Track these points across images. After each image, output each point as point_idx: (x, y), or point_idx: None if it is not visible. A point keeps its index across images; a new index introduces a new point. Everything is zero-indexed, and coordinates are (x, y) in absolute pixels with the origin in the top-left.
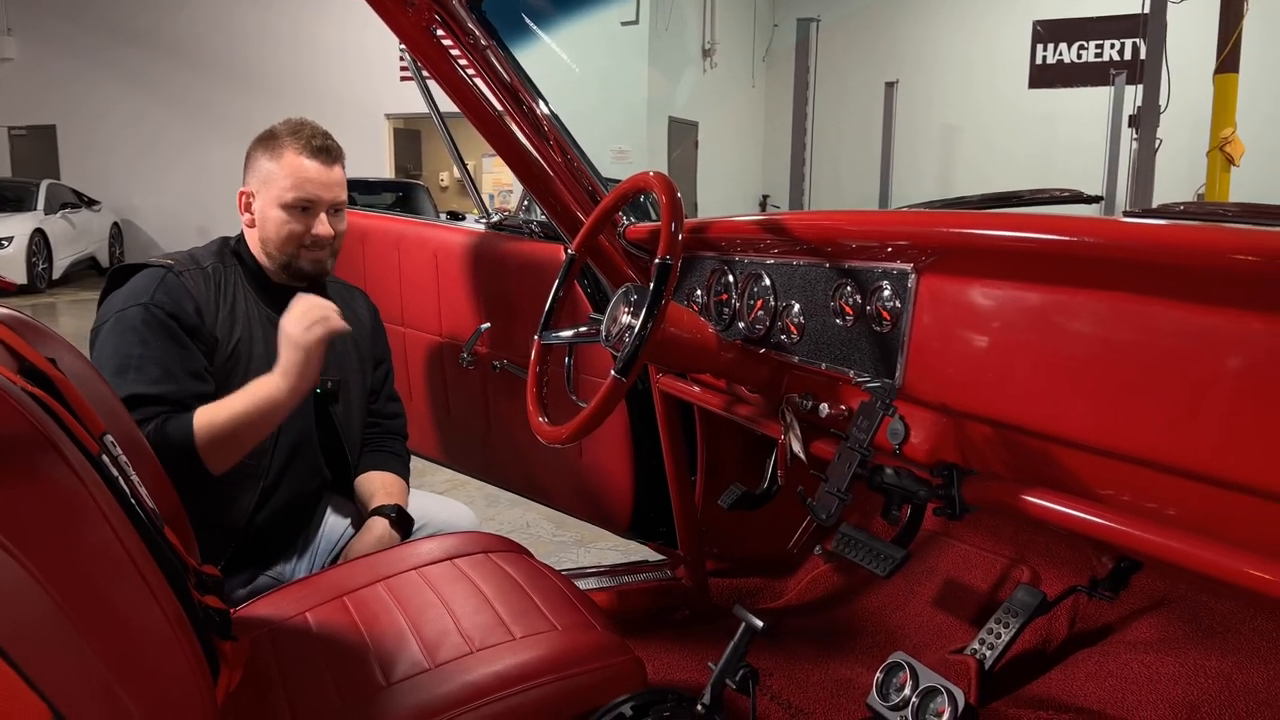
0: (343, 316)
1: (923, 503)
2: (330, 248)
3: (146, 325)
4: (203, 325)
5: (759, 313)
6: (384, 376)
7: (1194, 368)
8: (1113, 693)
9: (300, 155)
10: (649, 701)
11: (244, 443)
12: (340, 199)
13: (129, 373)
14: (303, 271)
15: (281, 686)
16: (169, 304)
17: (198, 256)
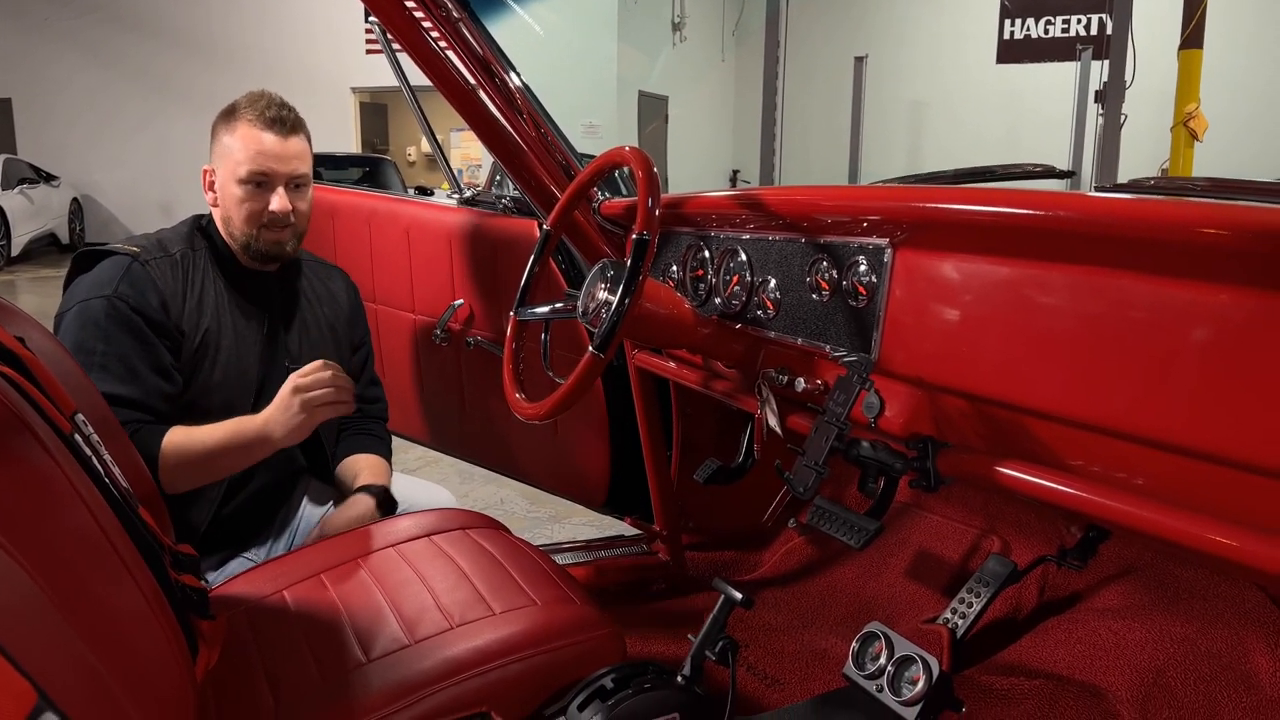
0: (320, 297)
1: (898, 475)
2: (292, 227)
3: (110, 319)
4: (168, 320)
5: (735, 288)
6: (363, 361)
7: (1163, 340)
8: (1081, 658)
9: (254, 126)
10: (629, 674)
11: (209, 474)
12: (299, 172)
13: (92, 370)
14: (262, 253)
15: (260, 664)
16: (133, 297)
17: (165, 242)
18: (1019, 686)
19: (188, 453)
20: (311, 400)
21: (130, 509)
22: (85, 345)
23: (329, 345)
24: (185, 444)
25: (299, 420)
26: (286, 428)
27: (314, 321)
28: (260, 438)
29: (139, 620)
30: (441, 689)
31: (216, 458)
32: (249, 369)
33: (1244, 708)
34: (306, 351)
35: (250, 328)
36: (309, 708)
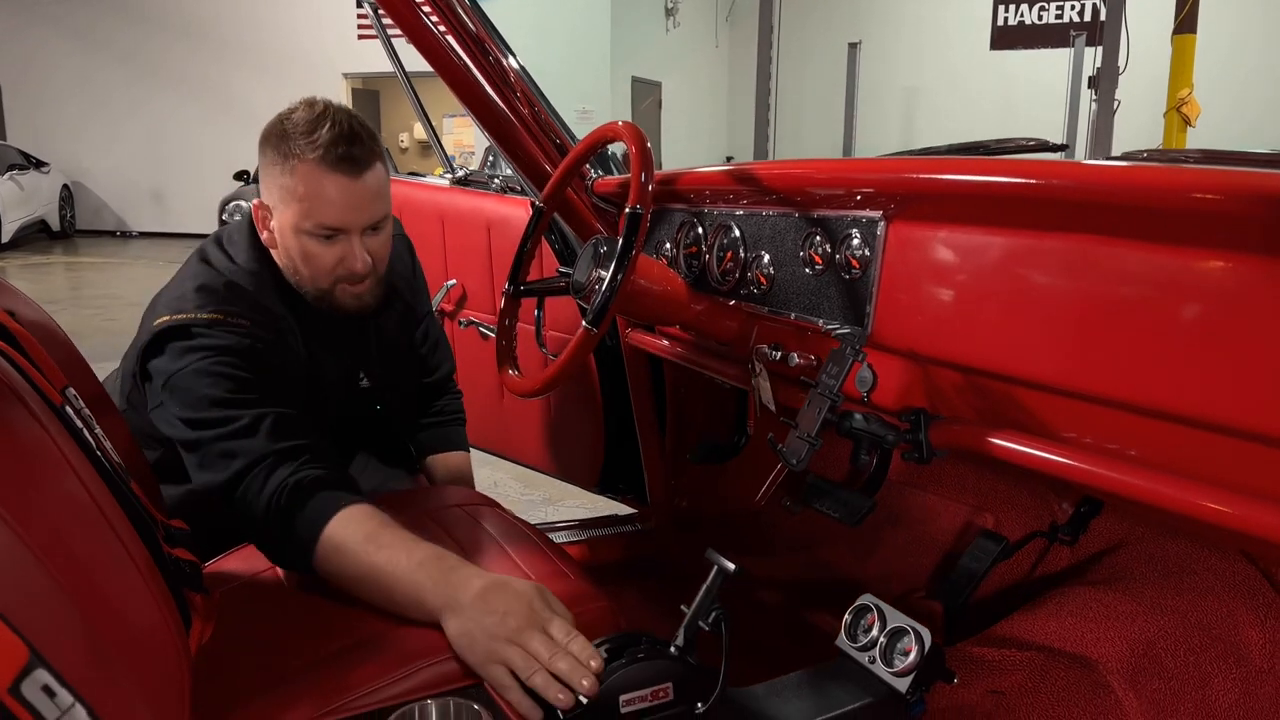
0: (391, 268)
1: (891, 447)
2: (373, 275)
3: (240, 369)
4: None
5: (728, 264)
6: (425, 331)
7: (1158, 307)
8: (1072, 630)
9: (318, 168)
10: (623, 644)
11: (354, 589)
12: (378, 215)
13: (235, 436)
14: (340, 308)
15: (253, 639)
16: (251, 349)
17: (242, 292)
18: (1010, 658)
19: (342, 556)
20: (527, 637)
21: (122, 482)
22: (222, 399)
23: (405, 344)
24: (343, 542)
25: (481, 624)
26: (454, 613)
27: (391, 326)
28: (425, 600)
29: (132, 590)
30: (434, 662)
31: (367, 586)
32: (326, 402)
33: (1233, 678)
34: (385, 367)
35: (333, 369)
36: (301, 681)
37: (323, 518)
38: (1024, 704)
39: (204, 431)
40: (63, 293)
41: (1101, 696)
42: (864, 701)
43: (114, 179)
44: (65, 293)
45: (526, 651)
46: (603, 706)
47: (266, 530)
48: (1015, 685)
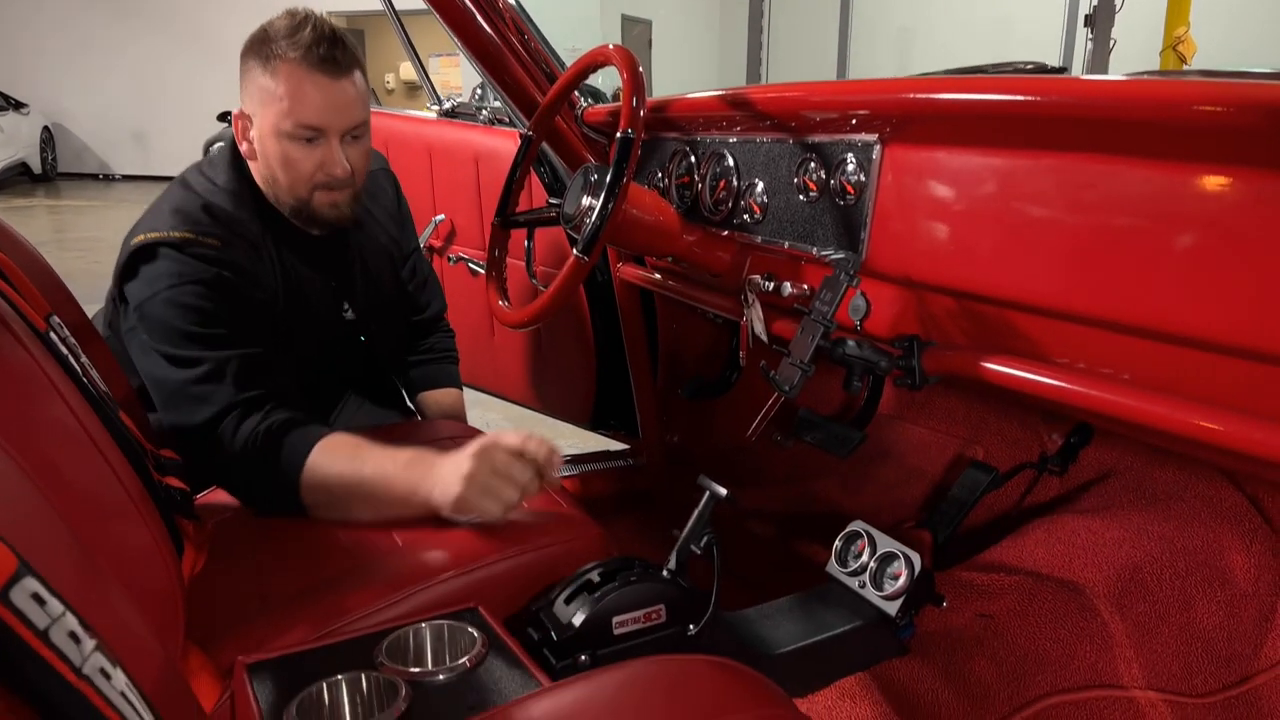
0: (372, 212)
1: (884, 374)
2: (351, 187)
3: (211, 300)
4: (257, 295)
5: (721, 193)
6: (414, 266)
7: (1156, 226)
8: (1060, 557)
9: (299, 67)
10: (615, 568)
11: (346, 513)
12: (357, 121)
13: (203, 363)
14: (317, 218)
15: (247, 567)
16: (223, 276)
17: (218, 213)
18: (999, 582)
19: (329, 482)
20: (486, 485)
21: (110, 410)
22: (186, 330)
23: (390, 277)
24: (328, 470)
25: (454, 490)
26: (444, 495)
27: (373, 255)
28: (415, 494)
29: (123, 514)
30: (428, 586)
31: (360, 496)
32: (312, 333)
33: (1217, 601)
34: (368, 297)
35: (314, 294)
36: (296, 606)
37: (302, 453)
38: (1012, 627)
39: (172, 371)
40: (46, 235)
41: (1088, 619)
42: (854, 624)
43: (96, 121)
44: (49, 235)
45: (505, 478)
46: (596, 628)
47: (247, 479)
48: (1004, 609)
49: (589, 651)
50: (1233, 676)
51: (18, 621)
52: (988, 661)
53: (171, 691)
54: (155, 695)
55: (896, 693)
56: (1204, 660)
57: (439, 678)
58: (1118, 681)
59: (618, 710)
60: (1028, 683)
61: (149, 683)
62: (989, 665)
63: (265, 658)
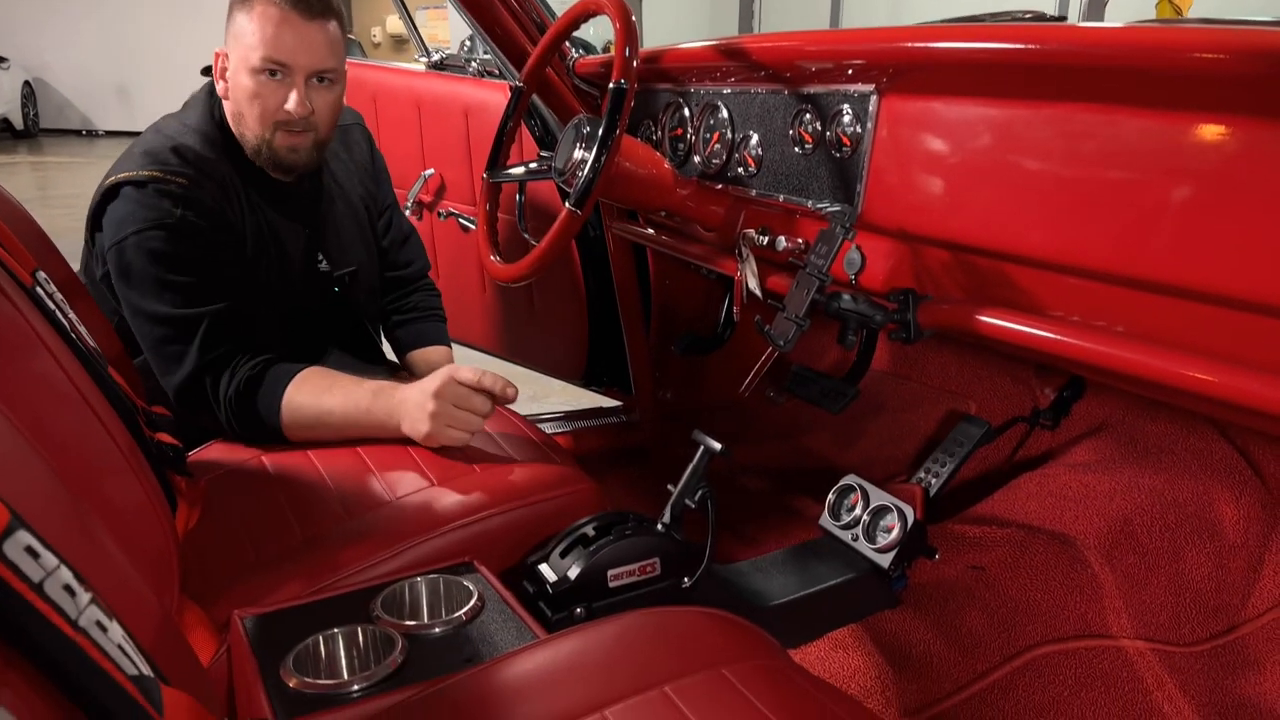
0: (345, 167)
1: (879, 328)
2: (313, 133)
3: (180, 244)
4: (228, 238)
5: (715, 146)
6: (390, 220)
7: (1152, 175)
8: (1051, 510)
9: (276, 7)
10: (611, 522)
11: (329, 434)
12: (326, 66)
13: (175, 306)
14: (276, 160)
15: (243, 523)
16: (192, 219)
17: (187, 153)
18: (990, 535)
19: (307, 413)
20: (451, 413)
21: (99, 365)
22: (158, 277)
23: (365, 231)
24: (309, 404)
25: (422, 425)
26: (411, 420)
27: (345, 209)
28: (389, 419)
29: (114, 469)
30: (423, 540)
31: (339, 428)
32: (288, 285)
33: (1206, 553)
34: (342, 248)
35: (288, 242)
36: (291, 561)
37: (279, 392)
38: (1003, 578)
39: (145, 326)
40: (30, 192)
41: (1078, 571)
42: (847, 576)
43: (77, 75)
44: (32, 192)
45: (448, 422)
46: (591, 581)
47: (231, 425)
48: (995, 561)
49: (584, 604)
50: (1220, 626)
51: (12, 575)
52: (979, 612)
53: (169, 644)
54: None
55: (888, 643)
56: (1192, 610)
57: (435, 631)
58: (1107, 631)
59: (613, 660)
60: (1018, 633)
61: (146, 635)
62: (980, 616)
63: (261, 611)
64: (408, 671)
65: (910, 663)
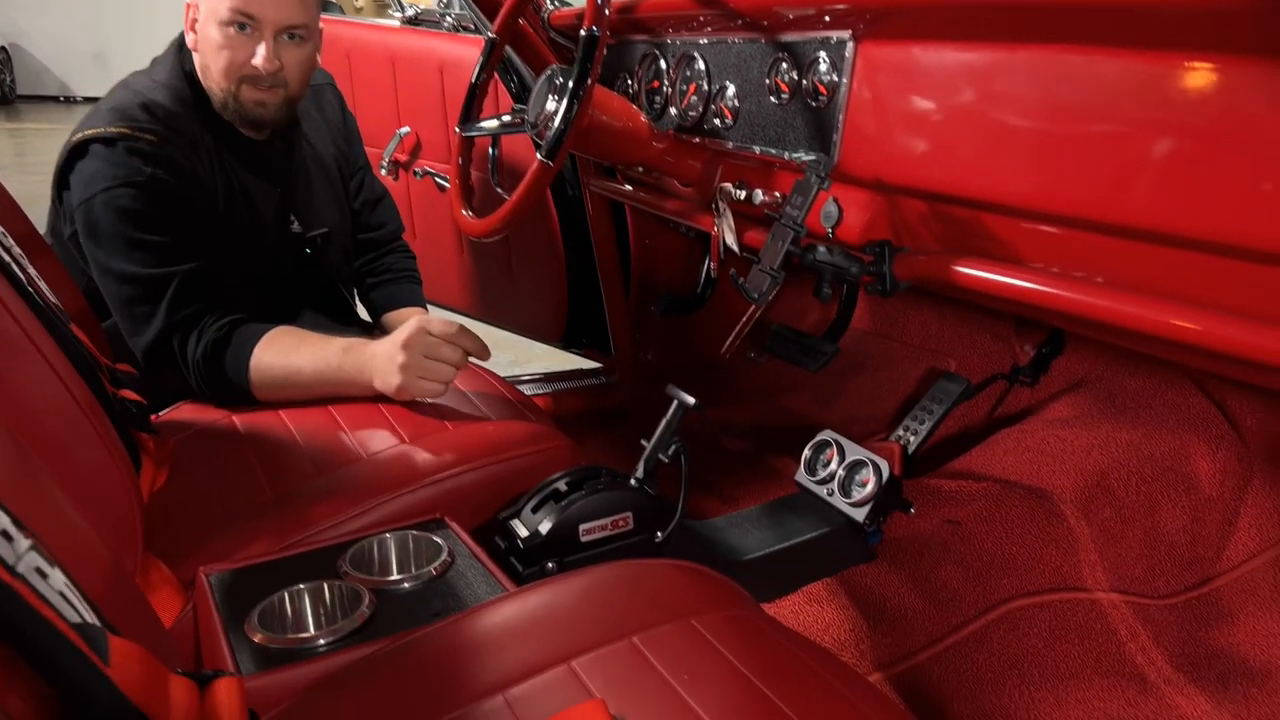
0: (316, 128)
1: (855, 280)
2: (283, 89)
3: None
4: (198, 195)
5: (692, 98)
6: (362, 181)
7: (1133, 117)
8: (1029, 465)
9: None
10: (583, 476)
11: (300, 393)
12: (294, 22)
13: (145, 265)
14: (243, 114)
15: (211, 482)
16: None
17: (157, 109)
18: (967, 489)
19: (276, 373)
20: (422, 364)
21: (59, 321)
22: (127, 236)
23: (336, 190)
24: (277, 364)
25: (394, 379)
26: (383, 375)
27: (317, 169)
28: (360, 375)
29: (72, 425)
30: (394, 497)
31: (309, 386)
32: (260, 246)
33: (1182, 506)
34: (314, 209)
35: (259, 201)
36: (260, 519)
37: (246, 352)
38: (979, 532)
39: (113, 285)
40: (7, 159)
41: (1054, 525)
42: (821, 531)
43: (54, 41)
44: (10, 159)
45: (419, 373)
46: (563, 536)
47: (200, 387)
48: (971, 515)
49: (556, 559)
50: (1194, 578)
51: None
52: (954, 566)
53: (121, 596)
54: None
55: (863, 597)
56: (1167, 563)
57: (404, 585)
58: (1081, 584)
59: (582, 612)
60: (993, 586)
61: (94, 585)
62: (955, 570)
63: (227, 568)
64: (375, 625)
65: (884, 616)
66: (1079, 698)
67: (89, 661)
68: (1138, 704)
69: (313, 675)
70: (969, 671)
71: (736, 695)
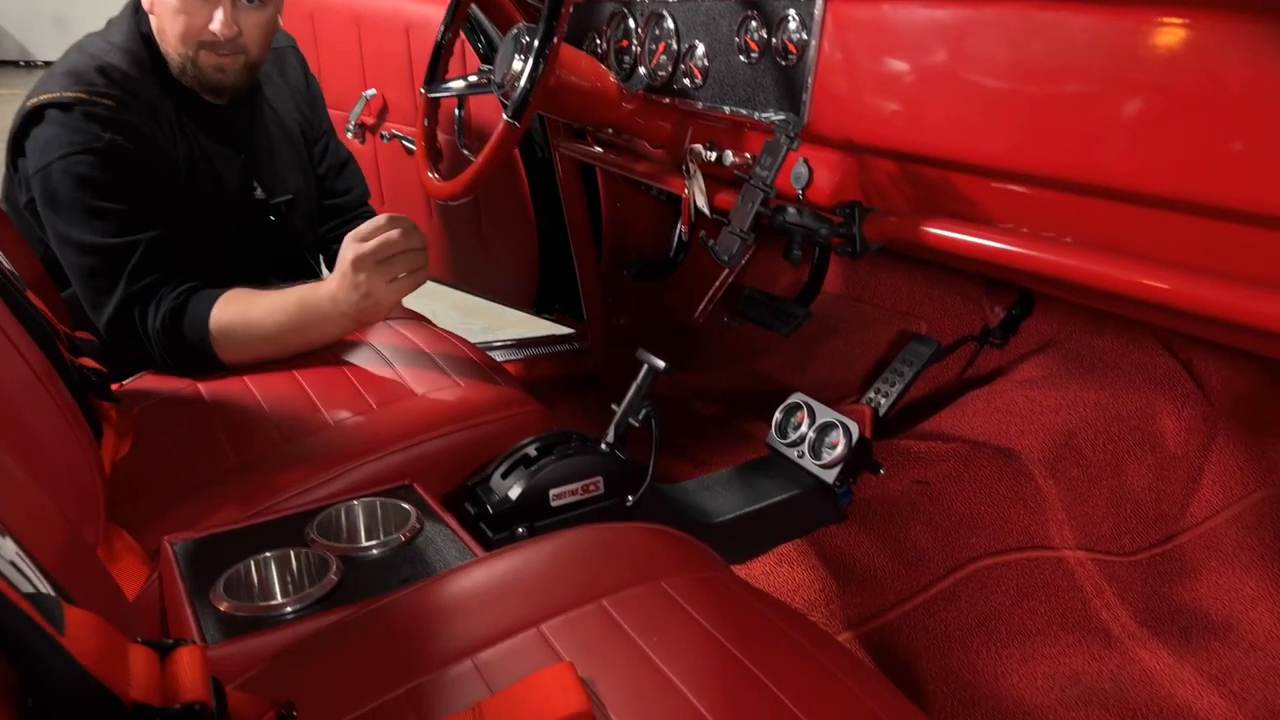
0: (278, 91)
1: (824, 242)
2: (242, 55)
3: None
4: (157, 163)
5: (661, 58)
6: (325, 146)
7: (1104, 76)
8: (997, 425)
9: None
10: (553, 442)
11: (270, 351)
12: None
13: (103, 234)
14: (201, 80)
15: (175, 451)
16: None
17: (113, 73)
18: (936, 450)
19: (238, 332)
20: (382, 272)
21: (14, 288)
22: (86, 204)
23: (300, 155)
24: (237, 321)
25: (368, 303)
26: (357, 308)
27: (280, 134)
28: (325, 317)
29: (27, 393)
30: (362, 464)
31: (274, 339)
32: (223, 213)
33: (1147, 464)
34: (278, 175)
35: (221, 167)
36: (225, 487)
37: (204, 315)
38: (948, 492)
39: (72, 255)
40: None
41: (1023, 484)
42: (792, 493)
43: (14, 4)
44: None
45: (376, 273)
46: (533, 501)
47: (164, 358)
48: (940, 475)
49: (526, 524)
50: (1159, 535)
51: None
52: (923, 526)
53: (79, 566)
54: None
55: (833, 557)
56: (1133, 521)
57: (372, 552)
58: (1048, 543)
59: (551, 575)
60: (961, 545)
61: (49, 556)
62: (924, 529)
63: (192, 537)
64: (343, 592)
65: (854, 576)
66: (1045, 653)
67: (42, 631)
68: (1102, 659)
69: (279, 643)
70: (937, 630)
71: (706, 657)
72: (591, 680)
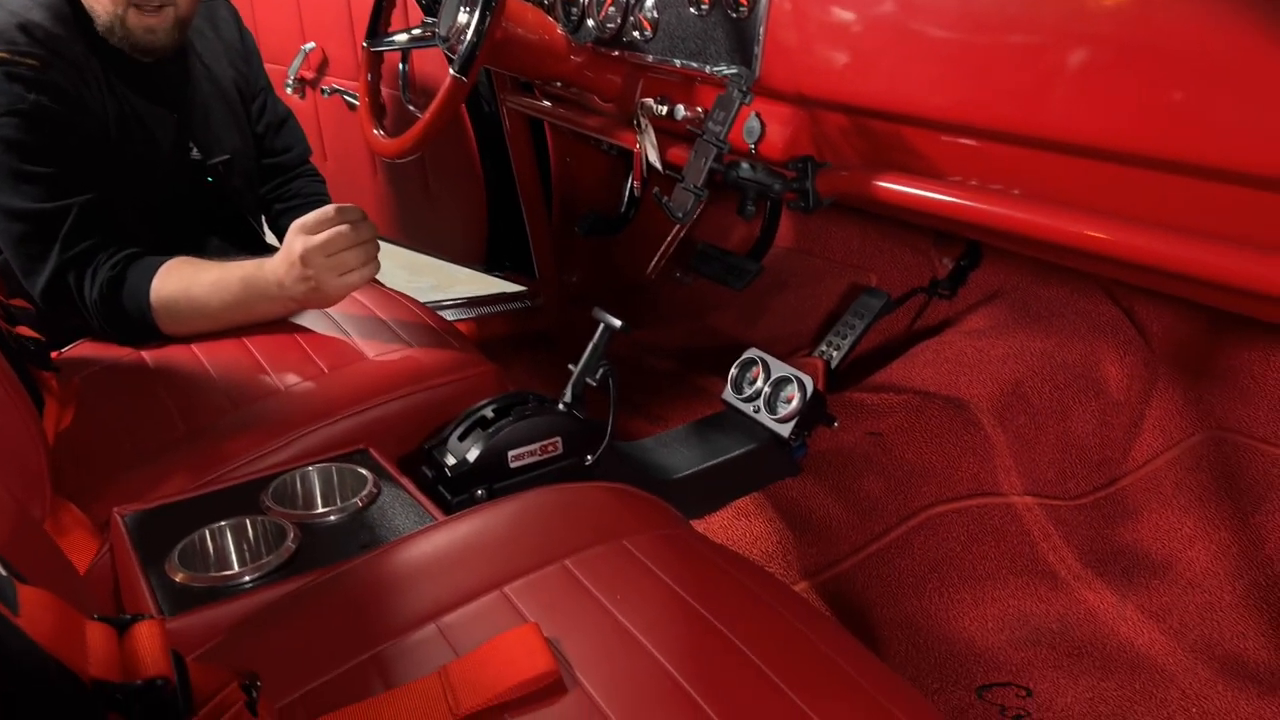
0: (210, 47)
1: (777, 197)
2: (173, 8)
3: (29, 133)
4: (83, 124)
5: (609, 9)
6: (263, 104)
7: (1050, 28)
8: (947, 375)
9: None
10: (510, 403)
11: (212, 325)
12: None
13: (33, 199)
14: (131, 41)
15: (121, 419)
16: (43, 104)
17: (35, 29)
18: (888, 402)
19: (180, 305)
20: (332, 267)
21: None
22: (13, 168)
23: (236, 113)
24: (179, 296)
25: (316, 295)
26: (303, 295)
27: (214, 92)
28: (270, 299)
29: None
30: (315, 429)
31: (217, 315)
32: (157, 175)
33: (1091, 410)
34: (214, 134)
35: (154, 128)
36: (175, 455)
37: (144, 287)
38: (900, 442)
39: (2, 223)
40: None
41: (972, 433)
42: (748, 447)
43: None
44: None
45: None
46: (492, 463)
47: (104, 328)
48: (892, 426)
49: (485, 486)
50: (1102, 479)
51: None
52: (876, 476)
53: (28, 543)
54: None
55: (789, 510)
56: (1077, 466)
57: (329, 519)
58: (997, 489)
59: (513, 537)
60: (913, 494)
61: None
62: (877, 480)
63: (143, 508)
64: (301, 560)
65: (810, 527)
66: (995, 596)
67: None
68: (1049, 600)
69: (238, 613)
70: (891, 577)
71: (669, 612)
72: (557, 640)
